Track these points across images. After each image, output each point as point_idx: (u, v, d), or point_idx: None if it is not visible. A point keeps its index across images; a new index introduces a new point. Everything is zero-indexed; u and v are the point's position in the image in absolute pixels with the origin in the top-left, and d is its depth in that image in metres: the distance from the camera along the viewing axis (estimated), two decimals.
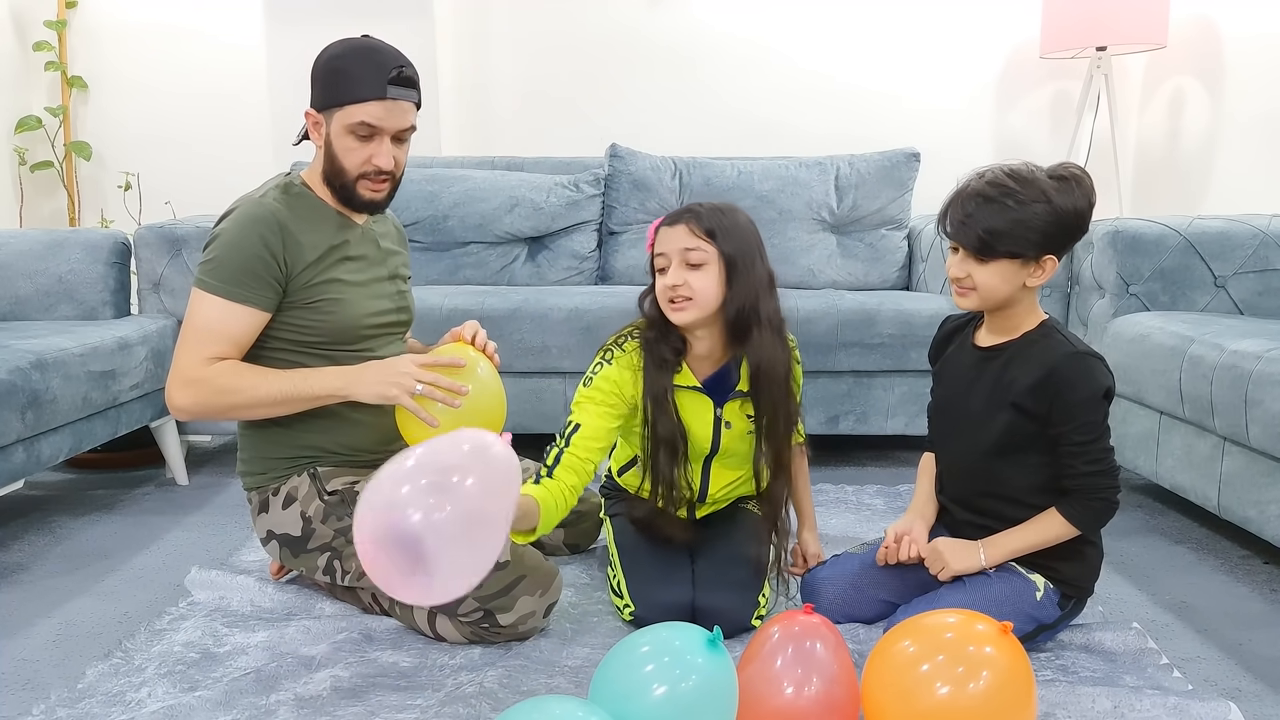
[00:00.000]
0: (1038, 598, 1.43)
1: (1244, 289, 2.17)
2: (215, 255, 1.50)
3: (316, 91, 1.54)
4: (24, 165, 3.26)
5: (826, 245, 2.91)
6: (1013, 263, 1.37)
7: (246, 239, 1.48)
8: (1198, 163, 3.03)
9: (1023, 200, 1.34)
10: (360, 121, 1.50)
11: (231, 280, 1.48)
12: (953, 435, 1.54)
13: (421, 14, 3.20)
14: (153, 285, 2.40)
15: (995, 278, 1.39)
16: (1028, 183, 1.36)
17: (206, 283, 1.49)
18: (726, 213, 1.51)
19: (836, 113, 3.32)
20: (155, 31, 3.29)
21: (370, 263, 1.63)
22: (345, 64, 1.50)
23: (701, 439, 1.59)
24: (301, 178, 1.60)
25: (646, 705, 1.05)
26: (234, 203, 1.57)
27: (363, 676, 1.38)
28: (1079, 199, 1.36)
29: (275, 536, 1.59)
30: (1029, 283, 1.40)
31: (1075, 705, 1.29)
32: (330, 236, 1.57)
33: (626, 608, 1.56)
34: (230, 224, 1.51)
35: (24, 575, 1.82)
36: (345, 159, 1.53)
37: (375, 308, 1.61)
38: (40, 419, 1.85)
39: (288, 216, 1.52)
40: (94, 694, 1.33)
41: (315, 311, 1.54)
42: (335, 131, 1.52)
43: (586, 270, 2.94)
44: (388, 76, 1.49)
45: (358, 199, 1.57)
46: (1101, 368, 1.41)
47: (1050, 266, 1.39)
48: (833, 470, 2.52)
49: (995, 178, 1.37)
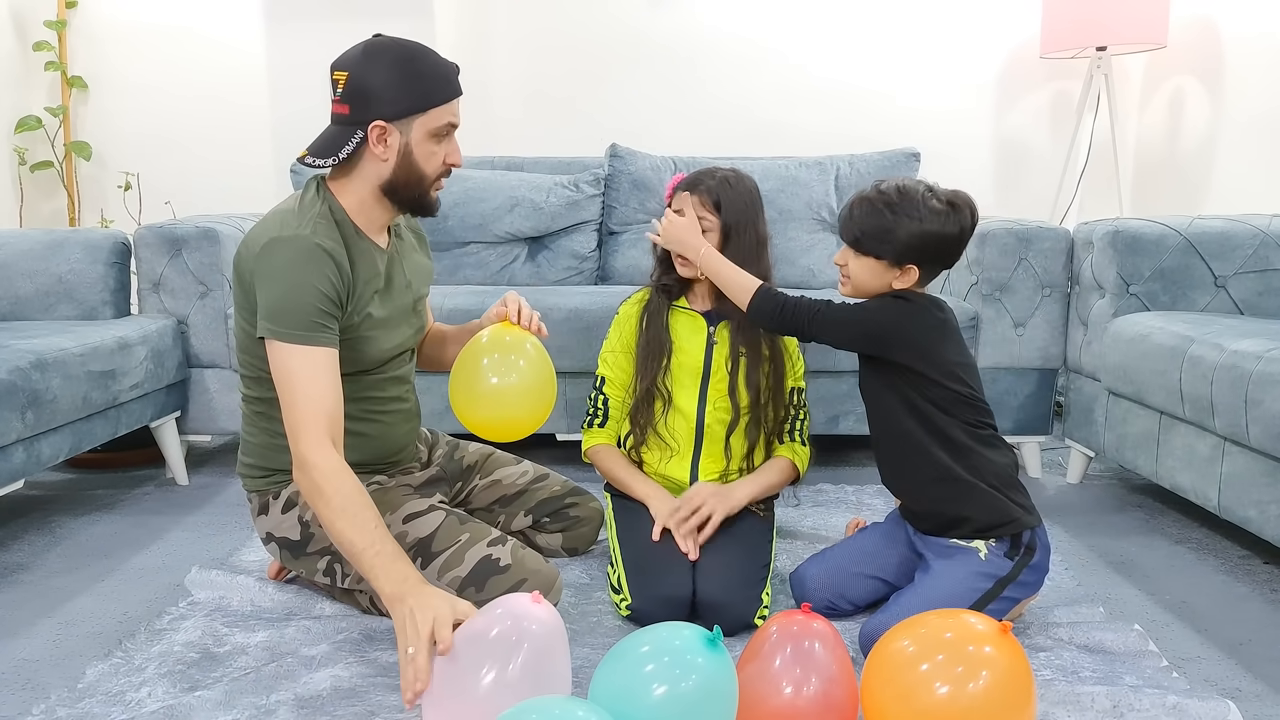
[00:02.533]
0: (982, 557, 1.48)
1: (1244, 289, 2.17)
2: (282, 303, 1.39)
3: (386, 101, 1.42)
4: (24, 165, 3.26)
5: (826, 245, 2.91)
6: (878, 263, 1.52)
7: (308, 280, 1.39)
8: (1198, 163, 3.03)
9: (897, 213, 1.48)
10: (447, 123, 1.47)
11: (305, 325, 1.39)
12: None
13: (421, 14, 3.20)
14: (153, 285, 2.40)
15: (865, 271, 1.54)
16: (910, 200, 1.49)
17: (283, 333, 1.38)
18: (734, 183, 1.72)
19: (836, 113, 3.32)
20: (155, 31, 3.29)
21: (397, 291, 1.58)
22: (422, 67, 1.44)
23: (694, 355, 1.76)
24: (337, 200, 1.51)
25: (646, 705, 1.05)
26: (269, 225, 1.45)
27: (363, 676, 1.38)
28: (951, 225, 1.49)
29: (275, 539, 1.59)
30: (895, 284, 1.53)
31: (1075, 704, 1.30)
32: (369, 268, 1.51)
33: (624, 601, 1.56)
34: (287, 265, 1.40)
35: (24, 575, 1.82)
36: (427, 164, 1.47)
37: (398, 339, 1.59)
38: (40, 419, 1.85)
39: (339, 253, 1.44)
40: (94, 694, 1.33)
41: (346, 348, 1.47)
42: (418, 138, 1.45)
43: (586, 270, 2.94)
44: (456, 71, 1.49)
45: (432, 203, 1.53)
46: (916, 296, 1.54)
47: (912, 275, 1.52)
48: (833, 470, 2.52)
49: (886, 188, 1.52)
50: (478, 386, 1.53)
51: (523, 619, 1.14)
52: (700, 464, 1.76)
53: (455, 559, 1.45)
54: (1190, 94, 3.07)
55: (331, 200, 1.50)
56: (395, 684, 1.36)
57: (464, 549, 1.46)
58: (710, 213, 1.69)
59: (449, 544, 1.47)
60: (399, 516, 1.51)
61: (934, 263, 1.54)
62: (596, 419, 1.82)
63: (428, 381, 2.42)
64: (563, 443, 2.47)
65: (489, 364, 1.53)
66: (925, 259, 1.52)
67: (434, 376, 2.43)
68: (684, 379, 1.75)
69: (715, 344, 1.76)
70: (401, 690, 1.16)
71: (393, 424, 1.63)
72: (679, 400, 1.75)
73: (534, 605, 1.15)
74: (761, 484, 1.74)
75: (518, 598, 1.17)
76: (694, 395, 1.75)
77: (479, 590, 1.42)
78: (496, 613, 1.16)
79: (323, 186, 1.51)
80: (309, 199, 1.49)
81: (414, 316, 1.65)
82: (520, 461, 1.86)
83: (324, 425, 1.37)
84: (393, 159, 1.46)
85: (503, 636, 1.12)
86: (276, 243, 1.41)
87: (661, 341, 1.75)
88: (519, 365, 1.53)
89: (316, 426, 1.36)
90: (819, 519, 2.11)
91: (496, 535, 1.50)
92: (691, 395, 1.75)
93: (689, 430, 1.75)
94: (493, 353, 1.54)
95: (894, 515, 1.67)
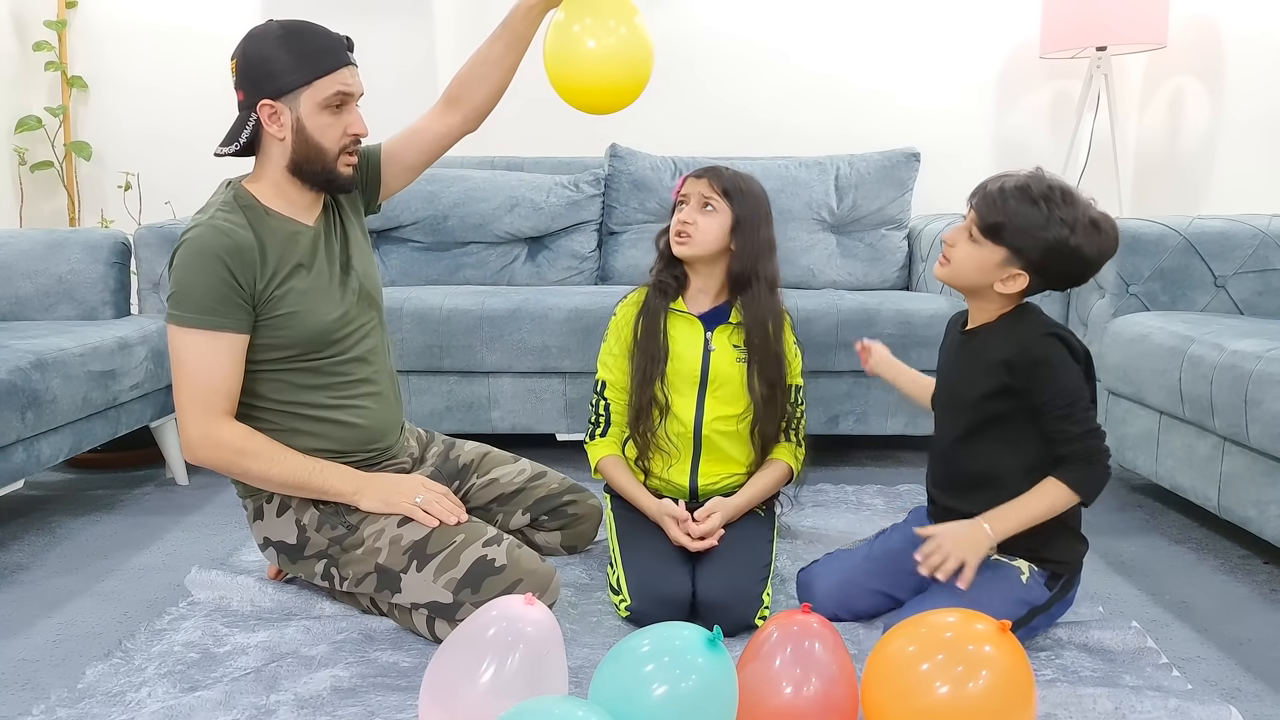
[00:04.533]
0: (1023, 580, 1.45)
1: (1244, 289, 2.17)
2: (179, 289, 1.46)
3: (271, 79, 1.47)
4: (24, 165, 3.26)
5: (826, 245, 2.91)
6: (999, 255, 1.39)
7: (204, 266, 1.44)
8: (1198, 163, 3.03)
9: (1053, 213, 1.35)
10: (336, 92, 1.49)
11: (201, 309, 1.44)
12: (941, 413, 1.58)
13: (421, 14, 3.20)
14: (153, 285, 2.40)
15: (973, 260, 1.42)
16: (1072, 204, 1.37)
17: (177, 316, 1.46)
18: (745, 180, 1.73)
19: (836, 113, 3.32)
20: (155, 31, 3.29)
21: (321, 265, 1.58)
22: (302, 43, 1.48)
23: (691, 361, 1.73)
24: (245, 187, 1.55)
25: (646, 705, 1.05)
26: (186, 224, 1.52)
27: (363, 676, 1.38)
28: (1092, 247, 1.37)
29: (272, 544, 1.59)
30: (998, 287, 1.43)
31: (1077, 706, 1.29)
32: (280, 247, 1.52)
33: (623, 602, 1.56)
34: (185, 253, 1.46)
35: (24, 575, 1.82)
36: (324, 137, 1.51)
37: (334, 312, 1.57)
38: (40, 419, 1.85)
39: (239, 234, 1.47)
40: (94, 694, 1.33)
41: (277, 327, 1.51)
42: (307, 111, 1.49)
43: (586, 270, 2.94)
44: (345, 44, 1.50)
45: (341, 177, 1.54)
46: (1074, 341, 1.44)
47: (1020, 283, 1.41)
48: (833, 470, 2.52)
49: (1051, 182, 1.38)
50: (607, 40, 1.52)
51: (517, 620, 1.15)
52: (700, 469, 1.75)
53: (450, 560, 1.45)
54: (1190, 94, 3.07)
55: (239, 189, 1.55)
56: (395, 684, 1.36)
57: (459, 550, 1.46)
58: (719, 196, 1.68)
59: (444, 545, 1.47)
60: (394, 520, 1.51)
61: (1054, 280, 1.42)
62: (599, 428, 1.80)
63: (427, 382, 2.42)
64: (562, 443, 2.47)
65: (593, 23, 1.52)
66: (1050, 272, 1.39)
67: (432, 376, 2.43)
68: (681, 386, 1.73)
69: (713, 350, 1.73)
70: (443, 519, 1.48)
71: (368, 409, 1.61)
72: (677, 408, 1.73)
73: (527, 607, 1.16)
74: (758, 489, 1.74)
75: (512, 599, 1.18)
76: (692, 402, 1.73)
77: (475, 591, 1.42)
78: (491, 614, 1.16)
79: (235, 181, 1.57)
80: (215, 193, 1.57)
81: (355, 289, 1.62)
82: (518, 460, 1.86)
83: (220, 403, 1.47)
84: (289, 137, 1.50)
85: (497, 638, 1.13)
86: (182, 239, 1.49)
87: (658, 349, 1.72)
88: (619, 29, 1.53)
89: (213, 404, 1.47)
90: (819, 519, 2.11)
91: (492, 535, 1.49)
92: (689, 402, 1.73)
93: (687, 437, 1.74)
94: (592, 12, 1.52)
95: (920, 520, 1.60)
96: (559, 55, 1.56)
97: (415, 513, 1.49)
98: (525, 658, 1.12)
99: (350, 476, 1.53)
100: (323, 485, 1.51)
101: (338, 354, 1.58)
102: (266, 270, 1.50)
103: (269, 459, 1.49)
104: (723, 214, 1.68)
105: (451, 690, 1.12)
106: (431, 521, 1.49)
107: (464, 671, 1.12)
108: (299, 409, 1.56)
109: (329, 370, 1.57)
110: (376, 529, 1.50)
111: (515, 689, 1.10)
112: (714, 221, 1.68)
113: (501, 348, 2.38)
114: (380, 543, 1.49)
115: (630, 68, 1.56)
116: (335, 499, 1.53)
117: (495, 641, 1.13)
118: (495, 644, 1.13)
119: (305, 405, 1.56)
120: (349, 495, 1.52)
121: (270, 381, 1.54)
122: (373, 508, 1.51)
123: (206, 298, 1.44)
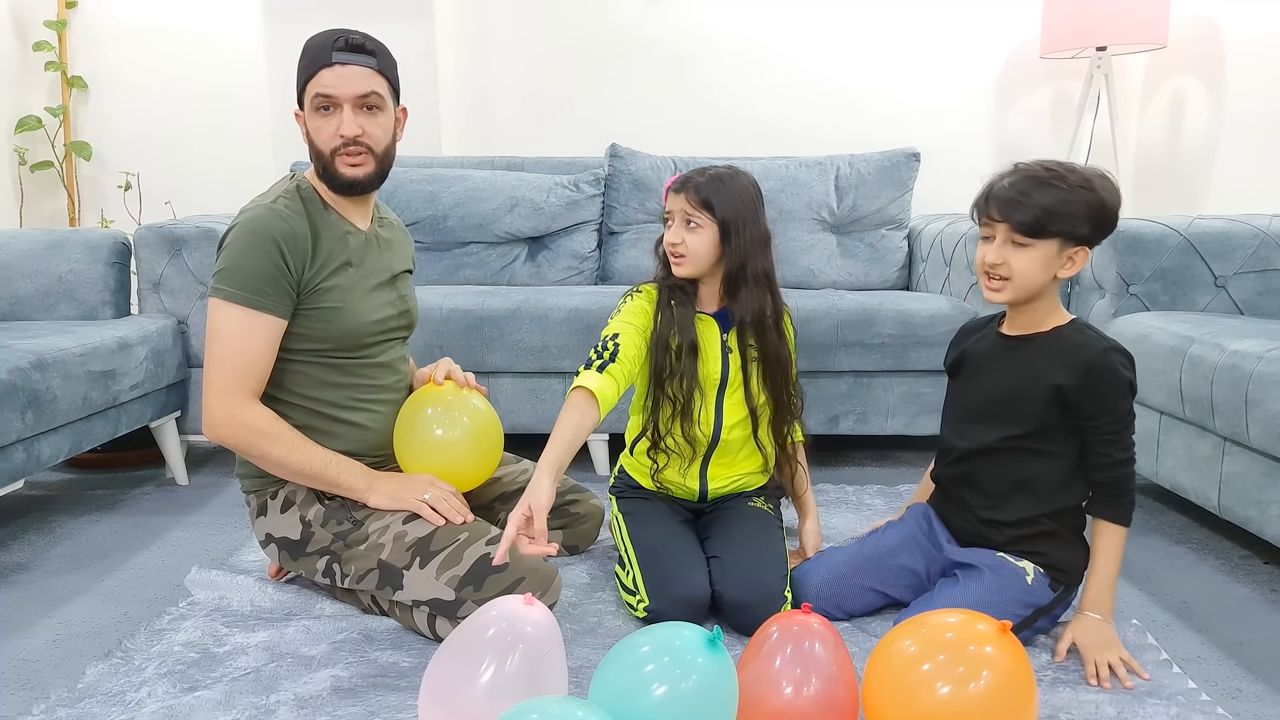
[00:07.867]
0: (1029, 582, 1.46)
1: (1244, 289, 2.17)
2: (229, 265, 1.49)
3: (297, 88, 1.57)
4: (24, 165, 3.26)
5: (826, 245, 2.91)
6: (1054, 246, 1.40)
7: (258, 246, 1.48)
8: (1198, 163, 3.03)
9: (1072, 184, 1.38)
10: (316, 94, 1.52)
11: (249, 288, 1.48)
12: (975, 418, 1.55)
13: (421, 14, 3.20)
14: (153, 285, 2.40)
15: (1035, 263, 1.40)
16: (1073, 170, 1.39)
17: (224, 291, 1.49)
18: (726, 180, 1.65)
19: (836, 113, 3.32)
20: (155, 31, 3.29)
21: (371, 269, 1.62)
22: (305, 49, 1.55)
23: (712, 362, 1.69)
24: (309, 180, 1.61)
25: (646, 705, 1.05)
26: (245, 206, 1.56)
27: (363, 676, 1.38)
28: (1111, 195, 1.40)
29: (274, 540, 1.59)
30: (1060, 274, 1.42)
31: (1079, 710, 1.29)
32: (333, 242, 1.57)
33: (640, 603, 1.55)
34: (240, 231, 1.50)
35: (24, 575, 1.82)
36: (318, 139, 1.55)
37: (376, 315, 1.61)
38: (40, 419, 1.85)
39: (296, 222, 1.52)
40: (94, 694, 1.33)
41: (316, 319, 1.54)
42: (307, 115, 1.55)
43: (586, 270, 2.94)
44: (332, 45, 1.52)
45: (340, 177, 1.56)
46: (1130, 362, 1.44)
47: (1081, 259, 1.42)
48: (833, 470, 2.52)
49: (1045, 164, 1.40)
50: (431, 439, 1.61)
51: (517, 621, 1.15)
52: (709, 470, 1.74)
53: (454, 558, 1.45)
54: (1190, 94, 3.07)
55: (302, 181, 1.60)
56: (395, 684, 1.36)
57: (462, 547, 1.46)
58: (699, 210, 1.62)
59: (447, 543, 1.47)
60: (399, 517, 1.52)
61: (1100, 238, 1.42)
62: (599, 360, 1.57)
63: None
64: None
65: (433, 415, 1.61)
66: (1096, 236, 1.40)
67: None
68: (704, 387, 1.70)
69: (730, 351, 1.70)
70: (450, 517, 1.50)
71: (385, 414, 1.64)
72: (697, 410, 1.69)
73: (527, 607, 1.16)
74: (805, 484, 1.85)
75: (512, 600, 1.19)
76: (711, 404, 1.70)
77: (477, 589, 1.42)
78: (491, 615, 1.17)
79: (299, 173, 1.62)
80: (280, 180, 1.62)
81: (396, 298, 1.67)
82: (520, 460, 1.86)
83: (249, 384, 1.50)
84: (307, 139, 1.57)
85: (497, 638, 1.13)
86: (240, 217, 1.53)
87: (694, 347, 1.65)
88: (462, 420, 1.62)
89: (243, 383, 1.49)
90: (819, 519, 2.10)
91: (495, 533, 1.50)
92: (710, 403, 1.70)
93: (704, 439, 1.71)
94: (436, 405, 1.62)
95: (918, 518, 1.62)
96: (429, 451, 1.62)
97: (422, 509, 1.51)
98: (525, 658, 1.12)
99: (364, 473, 1.56)
100: (337, 478, 1.53)
101: (366, 357, 1.61)
102: (317, 261, 1.53)
103: (289, 444, 1.51)
104: (707, 228, 1.64)
105: (451, 690, 1.12)
106: (438, 519, 1.50)
107: (464, 672, 1.12)
108: (318, 405, 1.58)
109: (355, 371, 1.60)
110: (381, 525, 1.51)
111: (515, 689, 1.10)
112: (701, 238, 1.64)
113: (502, 348, 2.38)
114: (384, 539, 1.50)
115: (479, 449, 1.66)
116: (346, 494, 1.55)
117: (495, 642, 1.13)
118: (495, 644, 1.13)
119: (324, 403, 1.58)
120: (361, 491, 1.54)
121: (295, 374, 1.56)
122: (382, 504, 1.53)
123: (255, 278, 1.48)
